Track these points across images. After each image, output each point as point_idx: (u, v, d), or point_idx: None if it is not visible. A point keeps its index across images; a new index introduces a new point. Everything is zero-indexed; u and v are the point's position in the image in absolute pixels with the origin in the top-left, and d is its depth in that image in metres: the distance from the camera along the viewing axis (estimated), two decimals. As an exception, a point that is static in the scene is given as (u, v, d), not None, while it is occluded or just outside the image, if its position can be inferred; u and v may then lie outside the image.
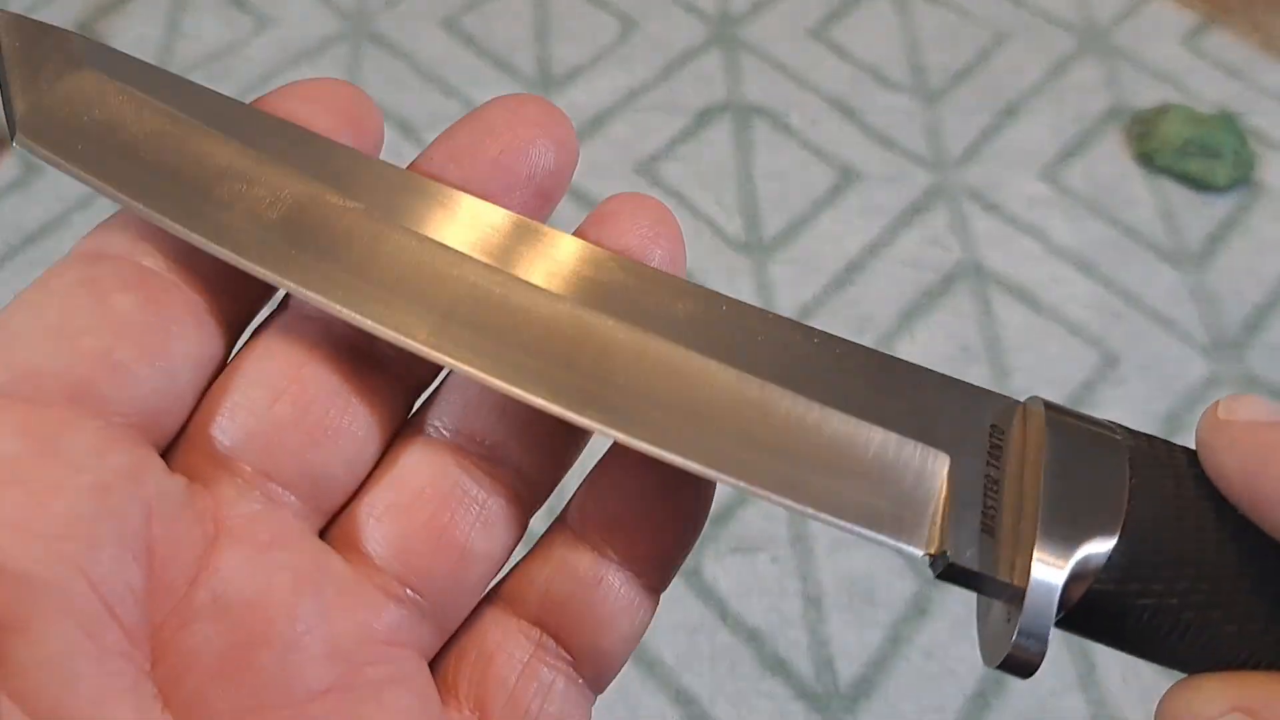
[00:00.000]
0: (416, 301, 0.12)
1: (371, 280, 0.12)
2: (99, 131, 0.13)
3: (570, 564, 0.12)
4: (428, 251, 0.12)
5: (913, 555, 0.12)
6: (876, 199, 0.40)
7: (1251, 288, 0.38)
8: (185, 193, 0.12)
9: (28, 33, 0.13)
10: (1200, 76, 0.44)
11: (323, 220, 0.12)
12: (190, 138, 0.13)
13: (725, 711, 0.29)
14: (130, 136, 0.13)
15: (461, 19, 0.46)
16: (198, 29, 0.45)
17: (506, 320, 0.12)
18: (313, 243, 0.12)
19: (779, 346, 0.13)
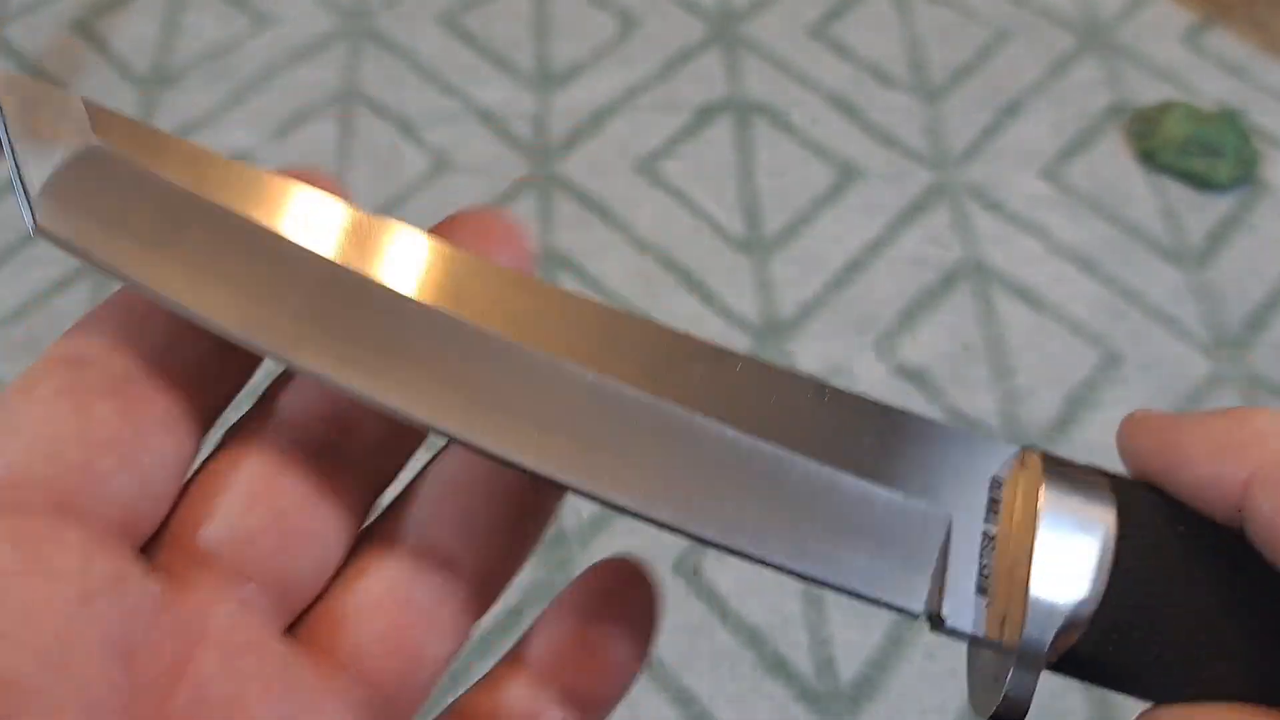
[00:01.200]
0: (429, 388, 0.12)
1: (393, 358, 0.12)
2: (114, 218, 0.12)
3: (513, 698, 0.13)
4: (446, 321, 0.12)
5: (909, 615, 0.12)
6: (877, 197, 0.40)
7: (1254, 286, 0.38)
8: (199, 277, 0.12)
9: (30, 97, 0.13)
10: (1201, 74, 0.44)
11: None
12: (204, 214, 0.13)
13: (726, 712, 0.29)
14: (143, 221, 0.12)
15: (461, 17, 0.46)
16: (196, 27, 0.45)
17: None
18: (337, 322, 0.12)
19: (791, 407, 0.13)
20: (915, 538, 0.12)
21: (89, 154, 0.13)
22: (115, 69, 0.44)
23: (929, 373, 0.36)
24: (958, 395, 0.35)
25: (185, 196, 0.13)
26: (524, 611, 0.31)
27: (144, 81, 0.43)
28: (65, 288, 0.37)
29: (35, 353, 0.36)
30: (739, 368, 0.13)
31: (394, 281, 0.13)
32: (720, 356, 0.13)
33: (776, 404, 0.13)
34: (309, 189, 0.13)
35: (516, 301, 0.13)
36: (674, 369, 0.12)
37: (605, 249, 0.39)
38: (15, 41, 0.44)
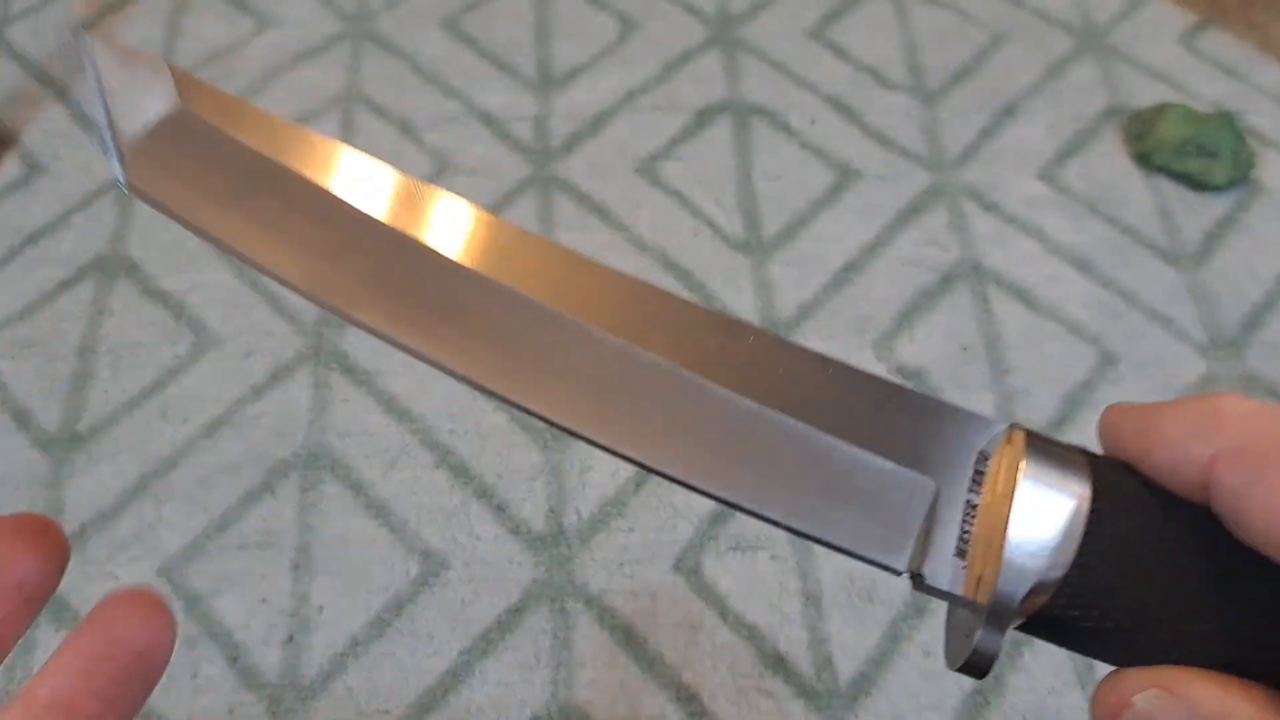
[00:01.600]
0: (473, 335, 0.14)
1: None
2: (196, 179, 0.14)
3: None
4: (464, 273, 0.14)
5: (892, 571, 0.13)
6: (875, 199, 0.40)
7: (1250, 286, 0.38)
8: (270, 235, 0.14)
9: (124, 62, 0.14)
10: (1198, 76, 0.44)
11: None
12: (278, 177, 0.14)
13: (725, 709, 0.30)
14: (222, 182, 0.14)
15: (462, 19, 0.46)
16: (199, 29, 0.45)
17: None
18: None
19: (796, 378, 0.14)
20: (903, 503, 0.13)
21: (175, 118, 0.14)
22: (119, 71, 0.44)
23: (927, 372, 0.36)
24: (955, 395, 0.35)
25: (261, 160, 0.14)
26: (525, 609, 0.31)
27: (147, 84, 0.43)
28: (68, 288, 0.38)
29: (38, 353, 0.36)
30: (751, 339, 0.14)
31: (445, 248, 0.14)
32: (735, 329, 0.14)
33: (783, 375, 0.14)
34: (369, 157, 0.14)
35: (557, 272, 0.14)
36: (693, 339, 0.14)
37: (606, 250, 0.39)
38: (18, 44, 0.45)
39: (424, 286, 0.14)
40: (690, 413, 0.13)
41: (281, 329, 0.37)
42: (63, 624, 0.31)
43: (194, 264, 0.38)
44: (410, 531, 0.32)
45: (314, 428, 0.34)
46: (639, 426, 0.13)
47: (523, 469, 0.33)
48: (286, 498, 0.33)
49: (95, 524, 0.33)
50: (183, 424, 0.34)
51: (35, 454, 0.34)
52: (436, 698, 0.30)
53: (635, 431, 0.13)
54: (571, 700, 0.30)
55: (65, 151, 0.41)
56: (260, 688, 0.30)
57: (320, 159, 0.15)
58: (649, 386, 0.13)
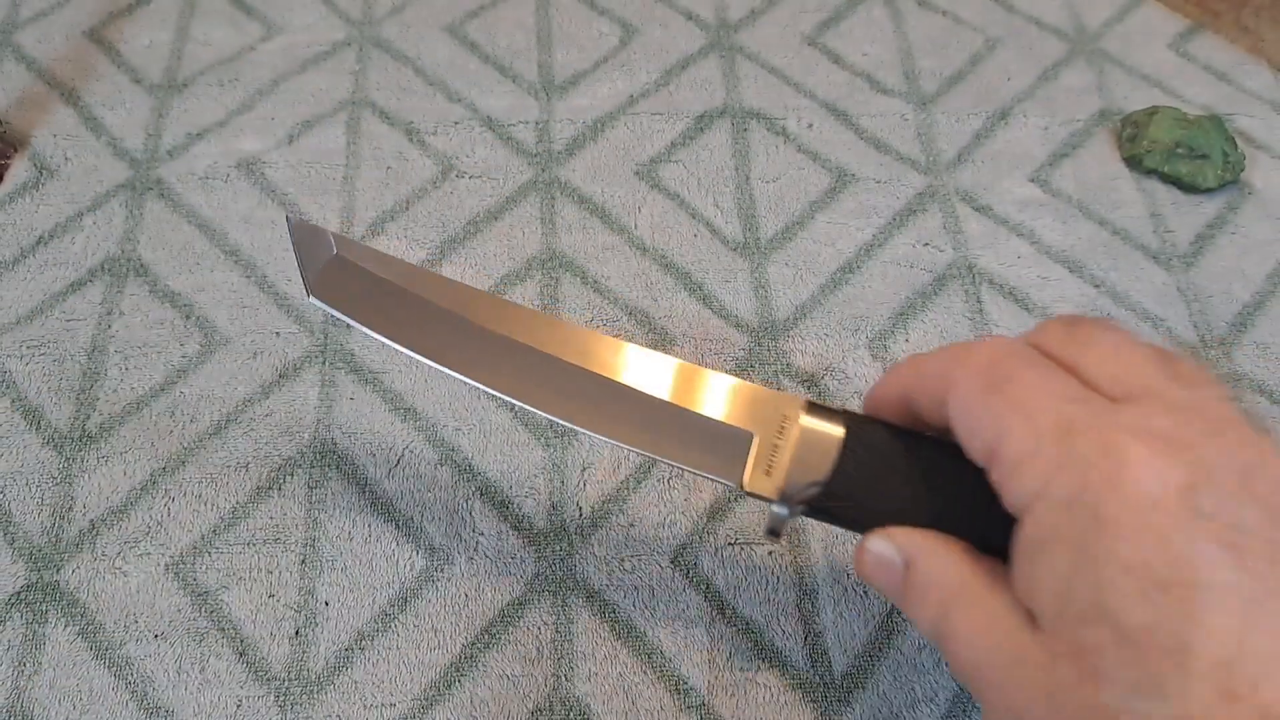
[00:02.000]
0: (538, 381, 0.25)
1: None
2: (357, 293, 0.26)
3: None
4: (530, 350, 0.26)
5: (728, 486, 0.25)
6: (871, 201, 0.41)
7: (1239, 287, 0.39)
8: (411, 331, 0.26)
9: (305, 231, 0.27)
10: (1189, 80, 0.45)
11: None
12: (406, 297, 0.26)
13: (722, 701, 0.30)
14: (376, 297, 0.26)
15: (466, 25, 0.46)
16: (206, 35, 0.46)
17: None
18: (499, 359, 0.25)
19: (681, 380, 0.25)
20: (735, 444, 0.24)
21: (336, 261, 0.27)
22: (127, 75, 0.44)
23: (921, 372, 0.36)
24: (949, 394, 0.36)
25: (391, 286, 0.26)
26: (527, 603, 0.32)
27: (155, 88, 0.44)
28: (78, 289, 0.38)
29: (49, 353, 0.37)
30: (647, 357, 0.25)
31: (509, 330, 0.25)
32: (639, 354, 0.25)
33: (670, 378, 0.25)
34: (461, 285, 0.26)
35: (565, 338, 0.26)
36: (609, 362, 0.25)
37: (606, 252, 0.39)
38: (27, 48, 0.45)
39: (496, 360, 0.25)
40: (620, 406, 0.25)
41: (289, 329, 0.37)
42: (72, 620, 0.31)
43: (202, 265, 0.39)
44: (415, 527, 0.33)
45: (321, 426, 0.35)
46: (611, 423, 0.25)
47: (525, 466, 0.34)
48: (294, 495, 0.34)
49: (105, 520, 0.33)
50: (191, 422, 0.35)
51: (47, 452, 0.34)
52: (440, 690, 0.30)
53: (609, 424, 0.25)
54: (572, 692, 0.30)
55: (74, 154, 0.42)
56: (267, 681, 0.30)
57: (419, 279, 0.26)
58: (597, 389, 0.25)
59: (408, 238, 0.39)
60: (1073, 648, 0.17)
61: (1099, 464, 0.18)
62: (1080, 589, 0.17)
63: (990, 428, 0.20)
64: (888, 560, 0.22)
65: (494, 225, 0.40)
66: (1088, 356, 0.20)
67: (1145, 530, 0.17)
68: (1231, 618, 0.16)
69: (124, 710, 0.30)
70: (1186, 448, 0.18)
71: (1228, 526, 0.17)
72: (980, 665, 0.19)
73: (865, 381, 0.36)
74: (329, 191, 0.41)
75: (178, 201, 0.41)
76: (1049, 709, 0.18)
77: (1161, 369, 0.19)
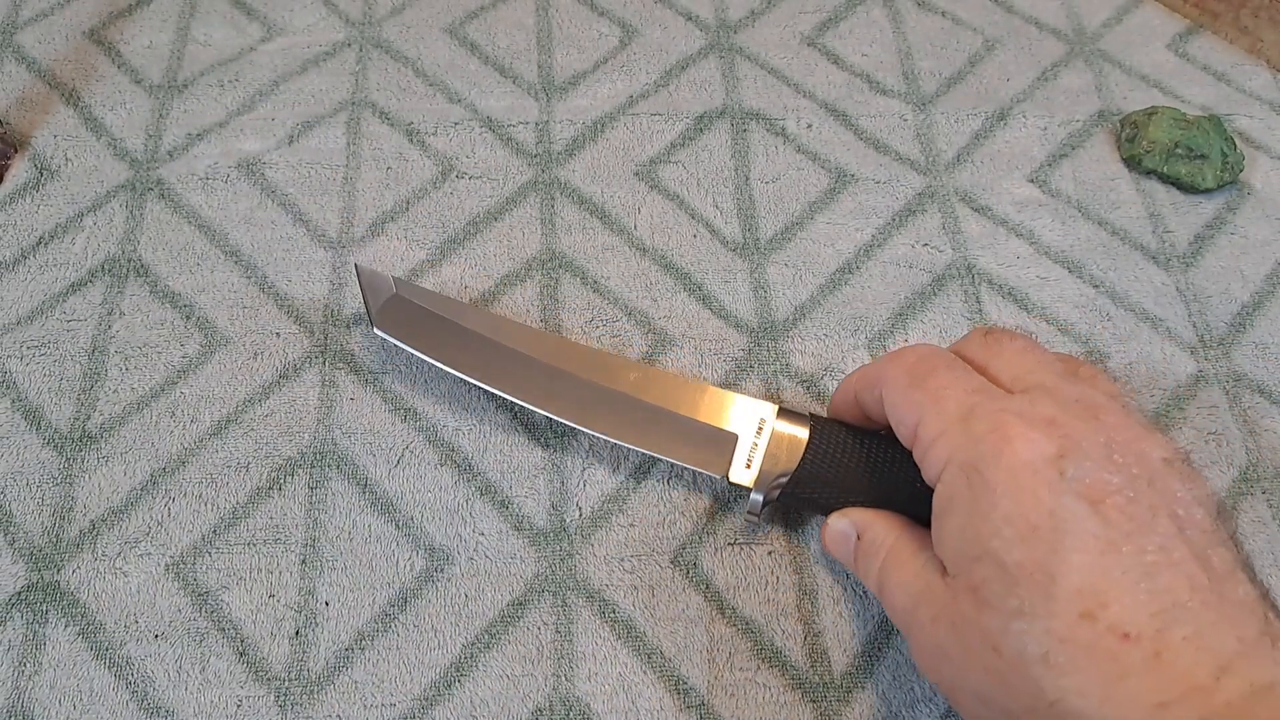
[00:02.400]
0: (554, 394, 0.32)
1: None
2: (411, 326, 0.33)
3: None
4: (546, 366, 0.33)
5: (713, 477, 0.32)
6: (870, 202, 0.41)
7: (1238, 287, 0.39)
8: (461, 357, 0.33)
9: (369, 275, 0.35)
10: (1187, 80, 0.45)
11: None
12: (456, 331, 0.33)
13: (722, 701, 0.30)
14: (426, 328, 0.33)
15: (466, 26, 0.46)
16: (207, 36, 0.46)
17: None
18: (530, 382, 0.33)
19: (668, 387, 0.32)
20: (719, 443, 0.30)
21: (394, 299, 0.34)
22: (127, 75, 0.44)
23: (920, 372, 0.36)
24: (948, 394, 0.36)
25: (439, 318, 0.33)
26: (527, 603, 0.32)
27: (155, 89, 0.44)
28: (78, 289, 0.38)
29: (49, 353, 0.37)
30: (648, 374, 0.32)
31: (531, 349, 0.33)
32: (640, 368, 0.33)
33: (659, 385, 0.32)
34: (498, 316, 0.34)
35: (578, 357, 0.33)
36: (618, 376, 0.32)
37: (606, 252, 0.39)
38: (27, 49, 0.45)
39: (525, 377, 0.32)
40: (613, 408, 0.31)
41: (289, 329, 0.37)
42: (72, 620, 0.31)
43: (203, 265, 0.39)
44: (415, 528, 0.33)
45: (321, 426, 0.35)
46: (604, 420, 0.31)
47: (525, 466, 0.34)
48: (294, 495, 0.34)
49: (106, 520, 0.33)
50: (192, 423, 0.35)
51: (47, 452, 0.34)
52: (440, 690, 0.30)
53: (600, 421, 0.31)
54: (572, 692, 0.30)
55: (75, 155, 0.42)
56: (268, 681, 0.30)
57: (462, 312, 0.34)
58: (606, 399, 0.32)
59: (408, 238, 0.39)
60: (968, 585, 0.22)
61: (988, 439, 0.22)
62: (972, 537, 0.22)
63: (912, 415, 0.25)
64: (845, 534, 0.28)
65: (494, 226, 0.40)
66: (999, 359, 0.25)
67: (1021, 489, 0.21)
68: (1089, 555, 0.20)
69: (124, 710, 0.30)
70: (1061, 427, 0.22)
71: (1089, 486, 0.21)
72: (907, 608, 0.25)
73: (865, 382, 0.36)
74: (329, 192, 0.41)
75: (178, 202, 0.41)
76: (954, 635, 0.22)
77: (1055, 369, 0.24)
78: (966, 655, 0.22)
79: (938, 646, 0.23)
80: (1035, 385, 0.24)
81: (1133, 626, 0.20)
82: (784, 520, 0.33)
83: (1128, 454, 0.22)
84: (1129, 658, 0.19)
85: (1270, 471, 0.34)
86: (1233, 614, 0.20)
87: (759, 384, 0.36)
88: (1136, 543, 0.20)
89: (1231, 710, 0.19)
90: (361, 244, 0.39)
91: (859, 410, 0.29)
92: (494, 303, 0.38)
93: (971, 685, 0.22)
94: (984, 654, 0.21)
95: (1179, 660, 0.19)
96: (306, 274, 0.38)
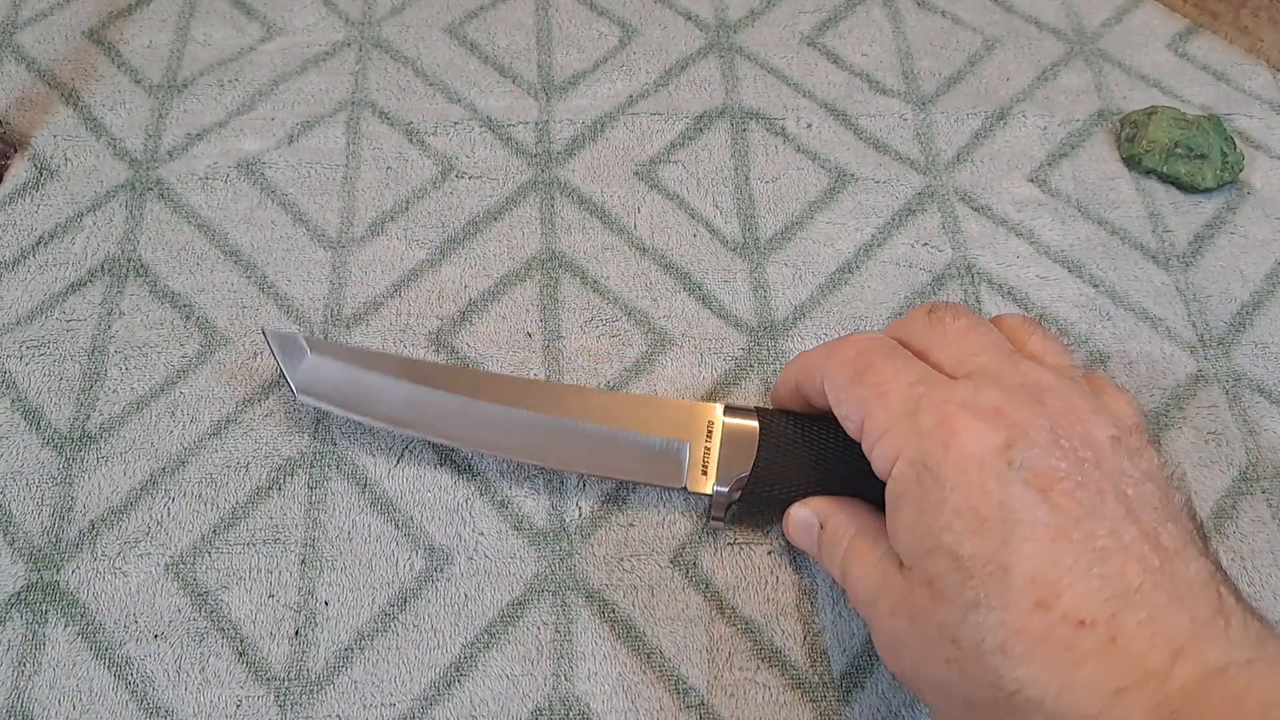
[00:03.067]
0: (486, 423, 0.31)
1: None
2: (332, 385, 0.32)
3: None
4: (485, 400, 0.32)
5: (671, 488, 0.31)
6: (870, 201, 0.41)
7: (1237, 287, 0.39)
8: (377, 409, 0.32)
9: (281, 338, 0.33)
10: (1187, 80, 0.45)
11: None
12: (374, 381, 0.32)
13: (722, 701, 0.30)
14: (345, 385, 0.32)
15: (465, 26, 0.46)
16: (206, 35, 0.46)
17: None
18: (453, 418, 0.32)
19: (617, 407, 0.31)
20: (671, 455, 0.30)
21: (312, 361, 0.32)
22: (127, 75, 0.44)
23: (920, 372, 0.36)
24: (948, 393, 0.36)
25: (359, 372, 0.32)
26: (527, 603, 0.32)
27: (155, 88, 0.44)
28: (78, 289, 0.38)
29: (49, 353, 0.37)
30: (584, 394, 0.32)
31: (467, 392, 0.32)
32: (579, 391, 0.32)
33: (607, 407, 0.31)
34: (424, 362, 0.33)
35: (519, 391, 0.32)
36: (561, 403, 0.31)
37: (606, 252, 0.39)
38: (27, 49, 0.45)
39: (456, 420, 0.31)
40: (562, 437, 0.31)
41: (289, 329, 0.37)
42: (72, 620, 0.31)
43: (202, 265, 0.39)
44: (415, 527, 0.33)
45: (321, 426, 0.35)
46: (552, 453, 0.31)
47: (524, 466, 0.34)
48: (294, 495, 0.34)
49: (105, 520, 0.33)
50: (191, 423, 0.35)
51: (47, 452, 0.34)
52: (440, 690, 0.30)
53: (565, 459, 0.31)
54: (572, 692, 0.30)
55: (74, 155, 0.42)
56: (267, 681, 0.30)
57: (384, 362, 0.32)
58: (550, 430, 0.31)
59: (407, 238, 0.39)
60: (923, 578, 0.22)
61: (935, 433, 0.22)
62: (924, 532, 0.22)
63: (857, 411, 0.25)
64: (807, 523, 0.28)
65: (494, 225, 0.40)
66: (940, 340, 0.25)
67: (970, 482, 0.21)
68: (1039, 544, 0.20)
69: (124, 710, 0.30)
70: (1005, 415, 0.22)
71: (1037, 474, 0.21)
72: (868, 600, 0.25)
73: (864, 381, 0.36)
74: (329, 192, 0.41)
75: (178, 202, 0.41)
76: (912, 627, 0.23)
77: (999, 351, 0.24)
78: (925, 646, 0.22)
79: (897, 638, 0.23)
80: (978, 370, 0.24)
81: (1086, 613, 0.20)
82: (783, 520, 0.33)
83: (1073, 437, 0.22)
84: (1084, 645, 0.19)
85: (1270, 471, 0.34)
86: (1184, 594, 0.20)
87: (759, 383, 0.36)
88: (1086, 528, 0.20)
89: (1185, 694, 0.19)
90: (361, 244, 0.39)
91: (801, 399, 0.29)
92: (494, 302, 0.38)
93: (932, 676, 0.22)
94: (943, 645, 0.21)
95: (1133, 645, 0.19)
96: (306, 274, 0.38)
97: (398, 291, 0.38)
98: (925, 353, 0.25)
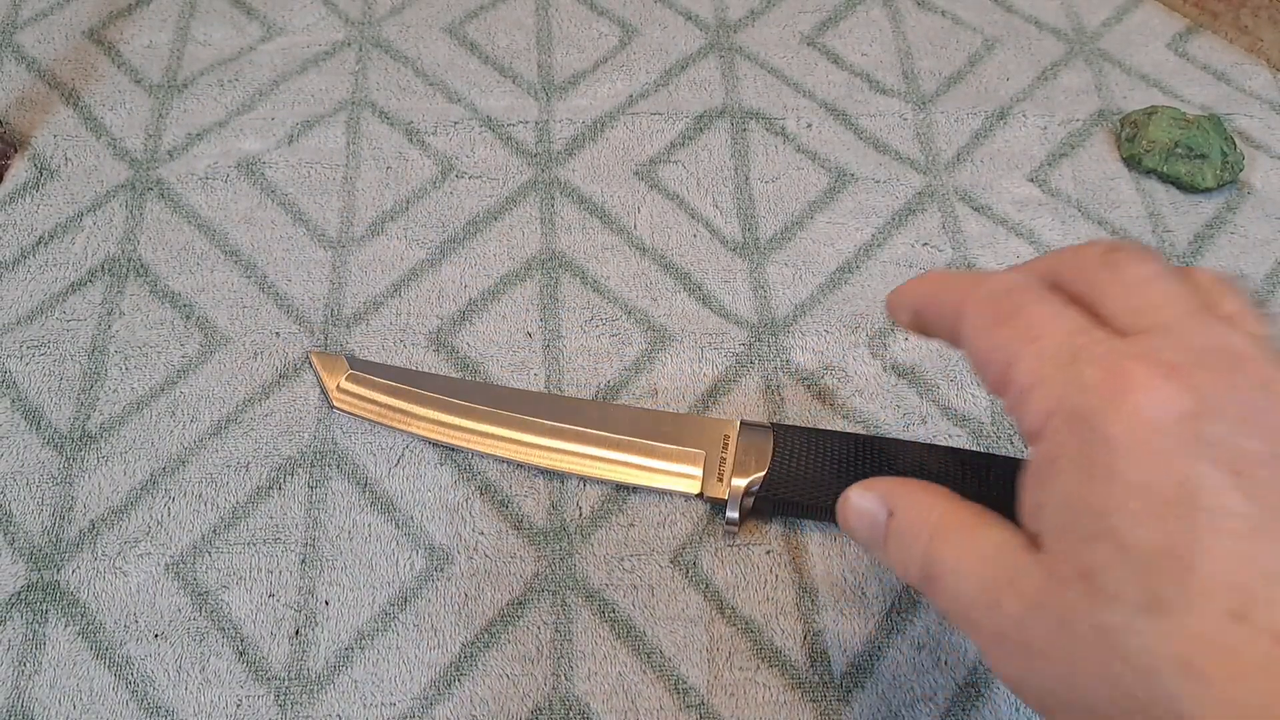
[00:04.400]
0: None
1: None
2: (365, 399, 0.35)
3: None
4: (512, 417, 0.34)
5: (687, 494, 0.33)
6: (870, 201, 0.41)
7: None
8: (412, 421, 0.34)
9: (323, 357, 0.36)
10: (1187, 80, 0.45)
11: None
12: (404, 400, 0.34)
13: (722, 701, 0.30)
14: (380, 400, 0.34)
15: (465, 26, 0.46)
16: (206, 35, 0.46)
17: None
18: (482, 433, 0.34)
19: (636, 419, 0.33)
20: (690, 464, 0.32)
21: (350, 378, 0.35)
22: (127, 75, 0.44)
23: (921, 370, 0.36)
24: (949, 391, 0.36)
25: (394, 387, 0.35)
26: (527, 603, 0.32)
27: (155, 88, 0.44)
28: (78, 289, 0.38)
29: (49, 353, 0.37)
30: (606, 409, 0.34)
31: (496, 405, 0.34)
32: (599, 406, 0.34)
33: (625, 419, 0.33)
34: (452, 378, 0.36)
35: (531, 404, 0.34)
36: (580, 416, 0.34)
37: (606, 251, 0.39)
38: (27, 48, 0.45)
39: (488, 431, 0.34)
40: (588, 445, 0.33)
41: (289, 329, 0.37)
42: (72, 620, 0.31)
43: (202, 265, 0.39)
44: (415, 527, 0.33)
45: (321, 425, 0.35)
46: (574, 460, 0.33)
47: (524, 466, 0.34)
48: (294, 494, 0.34)
49: (106, 520, 0.33)
50: (192, 422, 0.35)
51: (47, 452, 0.34)
52: (440, 690, 0.30)
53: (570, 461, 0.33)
54: (571, 692, 0.30)
55: (74, 154, 0.42)
56: (267, 681, 0.30)
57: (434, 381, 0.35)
58: (573, 440, 0.33)
59: (407, 238, 0.40)
60: (1078, 568, 0.17)
61: (1103, 386, 0.18)
62: (1085, 507, 0.18)
63: (1000, 358, 0.20)
64: (870, 511, 0.23)
65: (494, 225, 0.40)
66: (1113, 287, 0.20)
67: (1148, 451, 0.17)
68: (1237, 541, 0.16)
69: (124, 710, 0.30)
70: (1191, 378, 0.17)
71: (1232, 454, 0.17)
72: (977, 599, 0.19)
73: (865, 380, 0.36)
74: (329, 191, 0.41)
75: (178, 202, 0.41)
76: (1056, 632, 0.18)
77: (1187, 305, 0.19)
78: (1072, 657, 0.18)
79: (1028, 645, 0.18)
80: (1159, 326, 0.19)
81: None
82: (783, 520, 0.33)
83: (1275, 415, 0.17)
84: None
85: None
86: None
87: (759, 381, 0.36)
88: None
89: None
90: (361, 243, 0.39)
91: (916, 323, 0.24)
92: (494, 302, 0.38)
93: (1075, 694, 0.18)
94: (1098, 656, 0.17)
95: None
96: (306, 274, 0.38)
97: (398, 291, 0.38)
98: (1091, 299, 0.20)
